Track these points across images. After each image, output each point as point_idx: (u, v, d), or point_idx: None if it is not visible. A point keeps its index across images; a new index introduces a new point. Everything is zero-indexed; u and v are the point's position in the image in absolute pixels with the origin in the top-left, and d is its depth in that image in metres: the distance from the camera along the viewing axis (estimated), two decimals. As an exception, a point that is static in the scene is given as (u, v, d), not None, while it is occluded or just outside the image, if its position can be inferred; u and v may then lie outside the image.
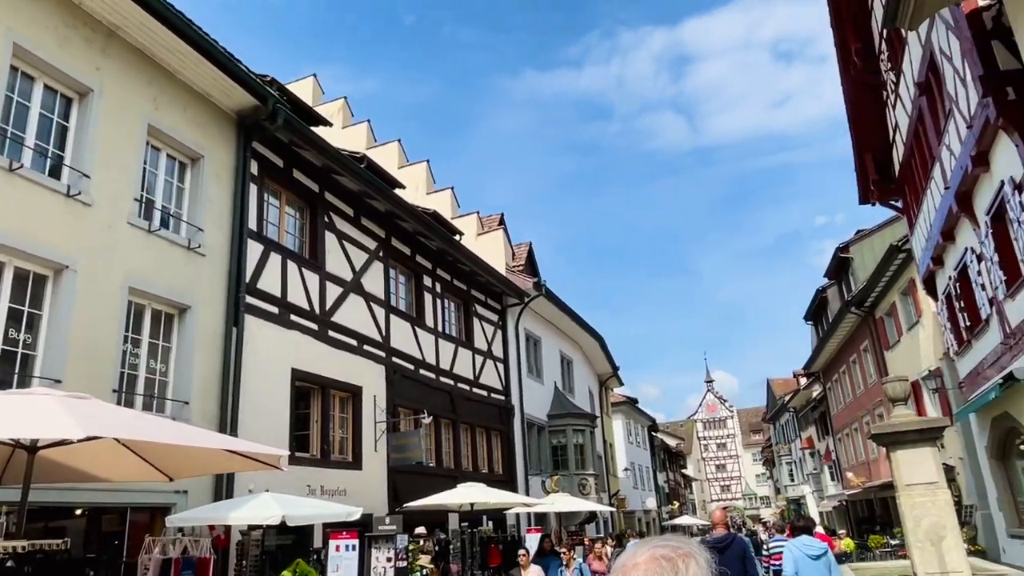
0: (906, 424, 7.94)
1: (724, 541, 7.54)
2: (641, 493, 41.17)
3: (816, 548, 7.38)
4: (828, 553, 7.40)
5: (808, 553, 7.33)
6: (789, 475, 49.39)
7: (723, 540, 7.55)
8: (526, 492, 18.68)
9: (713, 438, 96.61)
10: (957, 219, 13.26)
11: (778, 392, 51.46)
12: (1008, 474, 14.18)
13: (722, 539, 7.58)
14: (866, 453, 28.61)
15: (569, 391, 24.58)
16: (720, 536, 7.67)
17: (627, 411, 41.09)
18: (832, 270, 29.09)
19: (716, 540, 7.61)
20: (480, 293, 18.67)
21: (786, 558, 7.43)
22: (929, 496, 7.74)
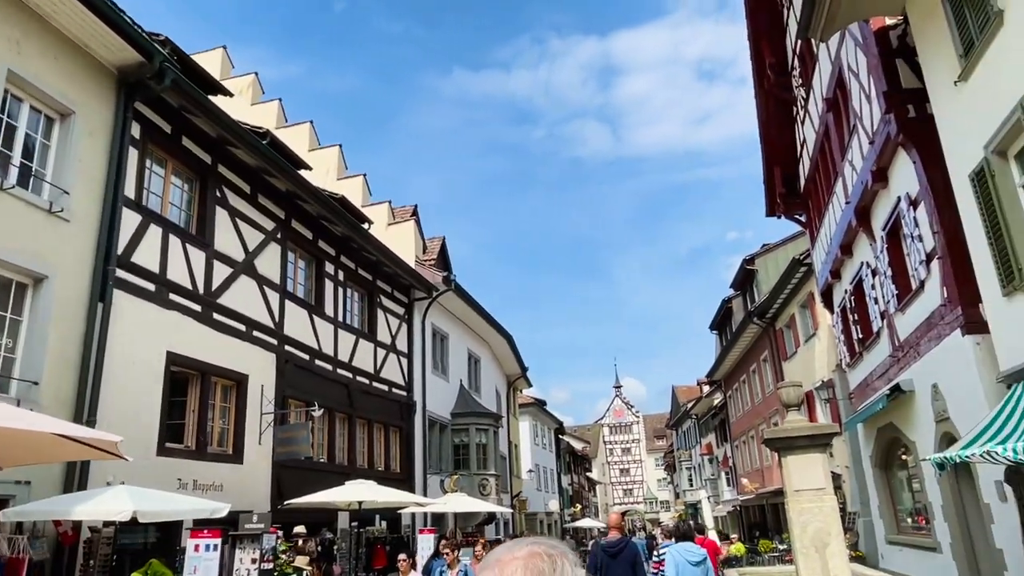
0: (798, 430, 7.91)
1: (617, 545, 7.43)
2: (544, 495, 41.24)
3: (696, 554, 7.38)
4: (707, 560, 7.45)
5: (688, 559, 7.33)
6: (688, 480, 50.71)
7: (617, 544, 7.45)
8: (424, 491, 18.15)
9: (619, 443, 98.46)
10: (855, 233, 13.62)
11: (682, 399, 52.77)
12: (889, 483, 14.70)
13: (616, 543, 7.46)
14: (760, 460, 29.52)
15: (475, 390, 24.18)
16: (614, 540, 7.54)
17: (535, 413, 41.09)
18: (738, 281, 29.91)
19: (610, 544, 7.48)
20: (386, 284, 18.01)
21: (668, 563, 7.41)
22: (816, 502, 7.73)
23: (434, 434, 20.14)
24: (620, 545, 7.45)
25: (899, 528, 14.27)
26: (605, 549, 7.47)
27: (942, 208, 9.51)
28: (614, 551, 7.38)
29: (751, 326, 26.59)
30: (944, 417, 10.34)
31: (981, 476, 9.29)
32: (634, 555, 7.34)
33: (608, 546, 7.48)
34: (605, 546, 7.53)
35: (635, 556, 7.34)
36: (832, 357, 19.80)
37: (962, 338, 9.22)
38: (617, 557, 7.25)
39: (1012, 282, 7.61)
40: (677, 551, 7.44)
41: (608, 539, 7.66)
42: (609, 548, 7.44)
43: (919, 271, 10.49)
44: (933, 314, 10.26)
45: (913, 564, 12.82)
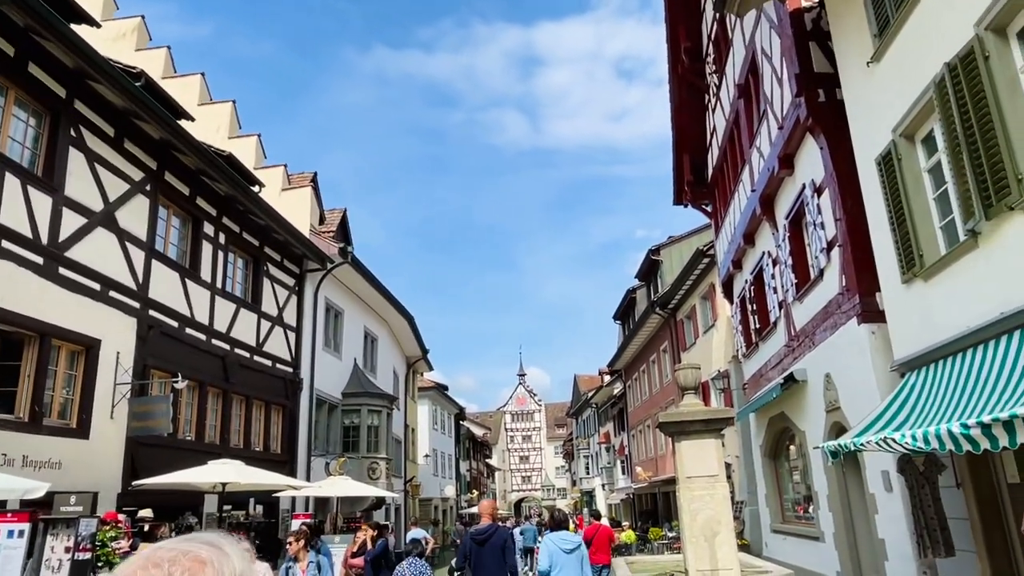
0: (693, 414, 7.53)
1: (486, 532, 7.34)
2: (441, 480, 40.59)
3: (570, 542, 7.41)
4: (581, 547, 7.49)
5: (562, 547, 7.34)
6: (585, 468, 51.28)
7: (486, 531, 7.35)
8: (308, 474, 17.09)
9: (520, 430, 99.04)
10: (759, 222, 13.55)
11: (583, 388, 53.26)
12: (777, 472, 14.83)
13: (485, 530, 7.37)
14: (655, 449, 29.90)
15: (371, 370, 23.15)
16: (483, 527, 7.45)
17: (435, 397, 40.30)
18: (643, 272, 30.07)
19: (479, 531, 7.41)
20: (276, 252, 16.75)
21: (542, 552, 7.47)
22: (709, 490, 7.37)
23: (322, 414, 19.04)
24: (489, 532, 7.30)
25: (784, 517, 14.42)
26: (474, 537, 7.35)
27: (846, 195, 9.38)
28: (482, 538, 7.25)
29: (653, 316, 26.75)
30: (835, 407, 10.31)
31: (868, 466, 9.26)
32: (503, 540, 7.26)
33: (477, 533, 7.36)
34: (474, 533, 7.39)
35: (504, 541, 7.26)
36: (729, 348, 20.02)
37: (858, 327, 9.12)
38: (486, 544, 7.15)
39: (912, 268, 7.45)
40: (552, 540, 7.40)
41: (478, 526, 7.57)
42: (478, 535, 7.32)
43: (819, 259, 10.39)
44: (830, 303, 10.17)
45: (796, 552, 12.92)
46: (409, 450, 31.07)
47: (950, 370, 6.58)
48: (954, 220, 6.92)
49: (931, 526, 6.77)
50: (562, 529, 7.78)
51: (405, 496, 28.80)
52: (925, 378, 7.07)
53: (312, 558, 6.12)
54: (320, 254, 17.98)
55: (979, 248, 6.19)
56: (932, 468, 7.04)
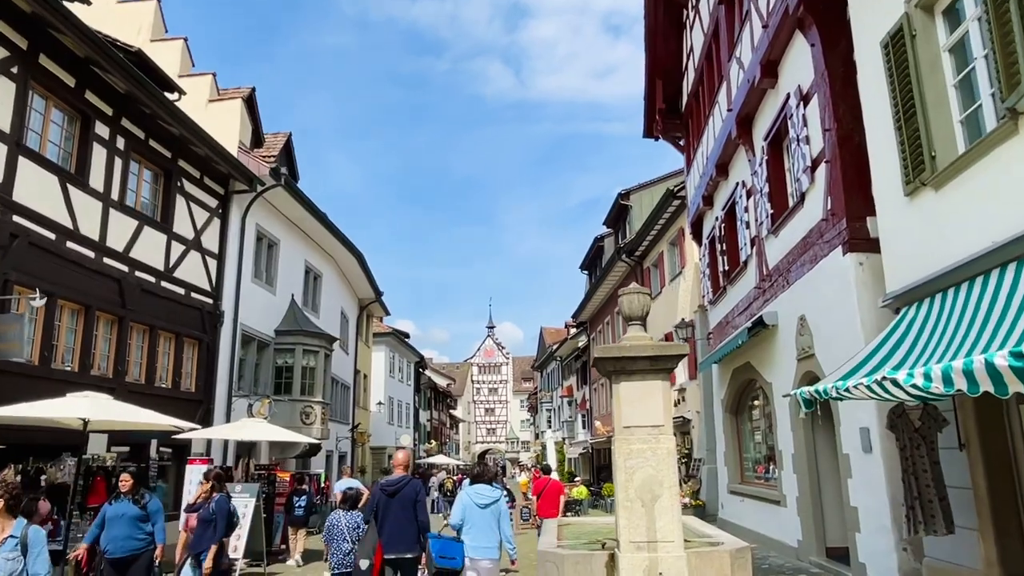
0: (637, 348, 6.00)
1: (398, 484, 6.66)
2: (396, 429, 39.35)
3: (486, 497, 6.91)
4: (500, 502, 7.00)
5: (477, 502, 6.86)
6: (548, 421, 50.43)
7: (397, 483, 6.67)
8: (228, 416, 15.49)
9: (486, 382, 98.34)
10: (734, 148, 11.98)
11: (549, 341, 52.10)
12: (739, 429, 13.57)
13: (396, 481, 6.70)
14: (615, 403, 28.77)
15: (312, 308, 21.43)
16: (395, 478, 6.76)
17: (392, 344, 38.77)
18: (611, 218, 28.50)
19: (389, 483, 6.72)
20: (193, 168, 14.80)
21: (455, 505, 7.10)
22: (650, 443, 5.90)
23: (250, 352, 17.36)
24: (400, 483, 6.64)
25: (743, 477, 13.22)
26: (384, 488, 6.68)
27: (838, 100, 7.79)
28: (393, 489, 6.61)
29: (619, 264, 25.29)
30: (808, 354, 8.90)
31: (843, 421, 7.88)
32: (415, 493, 6.68)
33: (387, 484, 6.69)
34: (385, 484, 6.73)
35: (416, 494, 6.68)
36: (696, 298, 18.65)
37: (842, 258, 7.65)
38: (396, 496, 6.57)
39: (920, 175, 5.91)
40: (467, 493, 6.96)
41: (388, 477, 6.90)
42: (388, 487, 6.66)
43: (801, 182, 8.85)
44: (811, 233, 8.68)
45: (754, 516, 11.71)
46: (359, 396, 29.61)
47: (963, 300, 5.11)
48: (978, 112, 5.38)
49: (925, 496, 5.38)
50: (481, 483, 7.09)
51: (352, 444, 27.44)
52: (928, 312, 5.60)
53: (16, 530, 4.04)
54: (247, 174, 16.05)
55: (1021, 133, 4.64)
56: (930, 424, 5.62)
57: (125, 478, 6.92)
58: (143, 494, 6.95)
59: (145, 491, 7.09)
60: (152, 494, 7.14)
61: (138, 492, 6.93)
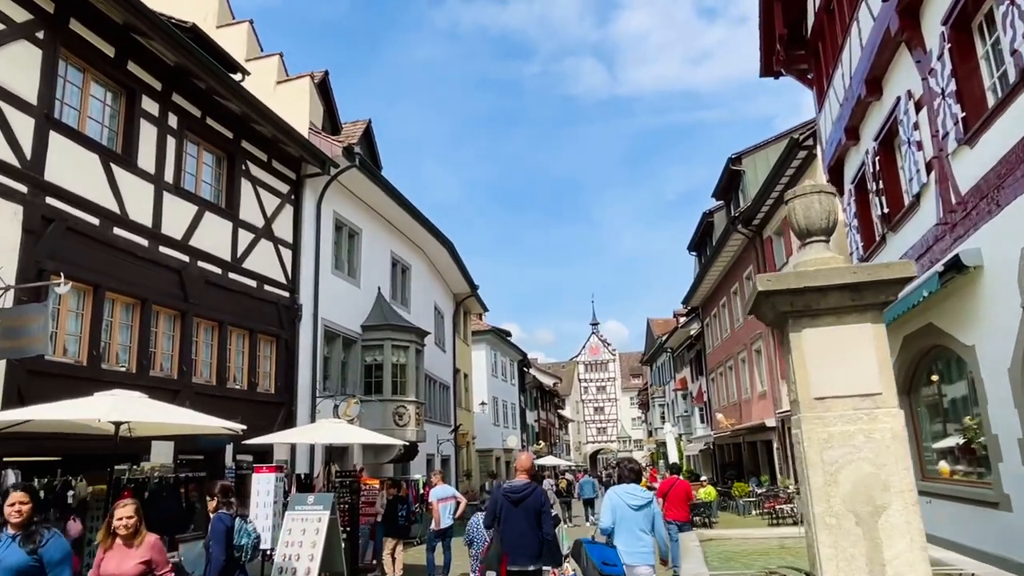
0: (826, 274, 3.83)
1: (522, 491, 6.23)
2: (503, 431, 37.82)
3: (639, 497, 6.35)
4: (653, 504, 6.44)
5: (629, 503, 6.28)
6: (661, 417, 47.61)
7: (521, 489, 6.25)
8: (312, 417, 14.19)
9: (593, 380, 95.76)
10: (893, 51, 9.40)
11: (657, 332, 49.26)
12: (914, 412, 10.86)
13: (520, 488, 6.26)
14: (739, 393, 25.95)
15: (401, 303, 20.07)
16: (519, 484, 6.30)
17: (493, 342, 37.28)
18: (721, 188, 25.72)
19: (513, 488, 6.26)
20: (259, 149, 13.60)
21: (604, 507, 6.44)
22: (862, 423, 3.73)
23: (335, 349, 16.08)
24: (525, 491, 6.22)
25: (925, 472, 10.50)
26: (508, 494, 6.24)
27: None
28: (518, 497, 6.19)
29: (735, 236, 22.55)
30: (1045, 297, 6.34)
31: None
32: (540, 503, 6.24)
33: (511, 491, 6.24)
34: (508, 490, 6.26)
35: (542, 504, 6.25)
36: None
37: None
38: (520, 504, 6.14)
39: None
40: (617, 494, 6.41)
41: (512, 482, 6.39)
42: (512, 493, 6.23)
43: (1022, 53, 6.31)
44: (1043, 122, 6.13)
45: (949, 522, 9.05)
46: (460, 396, 28.20)
47: None
48: None
49: None
50: (632, 483, 6.54)
51: (455, 447, 26.00)
52: None
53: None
54: (319, 155, 14.74)
55: None
56: None
57: (14, 500, 4.33)
58: (41, 531, 4.35)
59: (46, 528, 4.49)
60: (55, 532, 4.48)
61: (33, 527, 4.35)
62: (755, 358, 23.32)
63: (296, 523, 9.12)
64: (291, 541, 8.97)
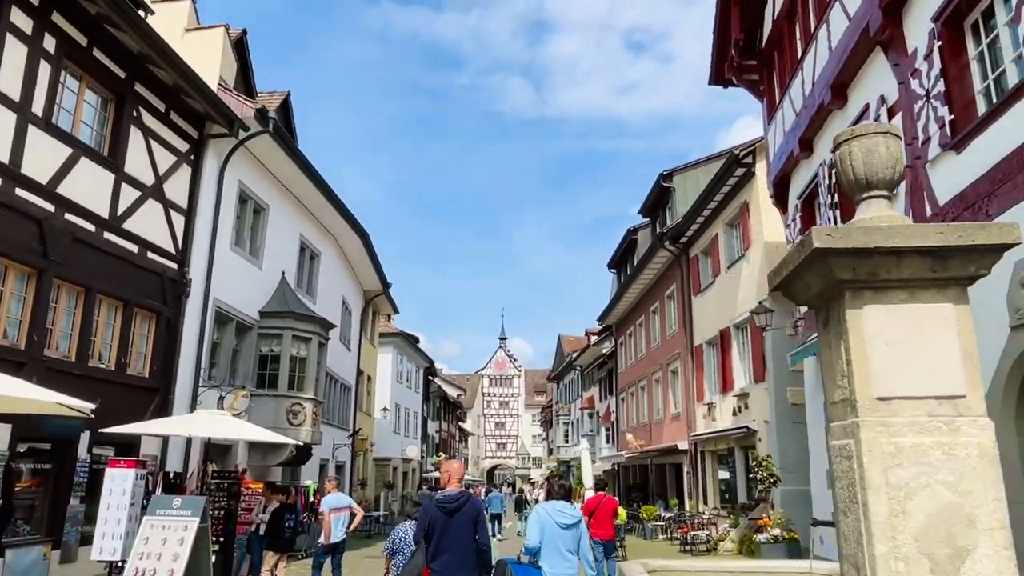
0: (904, 232, 2.86)
1: (456, 500, 5.48)
2: (403, 439, 36.15)
3: (570, 516, 5.92)
4: (581, 523, 6.02)
5: (559, 520, 5.84)
6: (565, 436, 47.05)
7: (456, 499, 5.49)
8: (192, 409, 12.40)
9: (497, 395, 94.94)
10: (867, 53, 8.87)
11: (568, 349, 48.88)
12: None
13: (455, 497, 5.51)
14: (650, 414, 25.51)
15: (307, 291, 18.40)
16: (453, 494, 5.57)
17: (401, 346, 35.65)
18: (649, 205, 25.38)
19: (448, 498, 5.51)
20: (157, 97, 11.86)
21: (531, 524, 5.95)
22: (940, 434, 2.78)
23: (226, 334, 14.32)
24: (460, 500, 5.53)
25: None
26: (441, 505, 5.50)
27: None
28: (453, 507, 5.47)
29: (661, 253, 22.13)
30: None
31: None
32: (476, 512, 5.64)
33: (446, 501, 5.50)
34: (442, 501, 5.53)
35: (478, 514, 5.65)
36: (762, 284, 15.46)
37: None
38: (455, 515, 5.46)
39: None
40: (546, 511, 5.94)
41: (445, 492, 5.68)
42: (447, 503, 5.48)
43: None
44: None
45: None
46: (362, 400, 26.51)
47: None
48: None
49: None
50: (562, 500, 6.17)
51: (352, 452, 24.28)
52: None
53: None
54: (228, 114, 13.07)
55: None
56: None
57: None
58: None
59: None
60: None
61: None
62: (671, 379, 22.92)
63: (155, 531, 7.50)
64: (147, 552, 7.35)
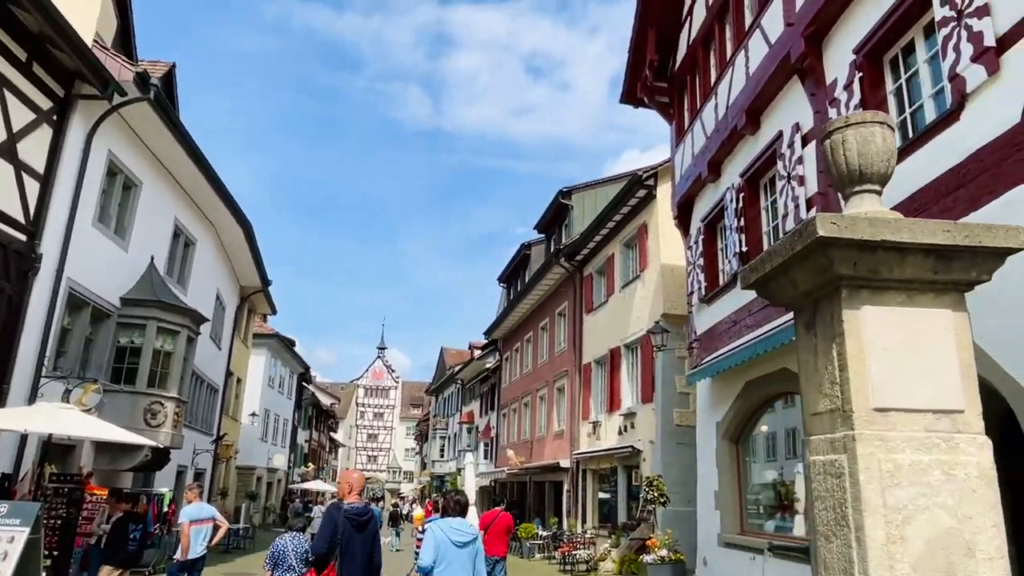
0: (911, 227, 2.59)
1: (366, 515, 5.43)
2: (270, 447, 34.16)
3: (466, 534, 5.61)
4: (478, 540, 5.73)
5: (454, 539, 5.50)
6: (441, 450, 46.26)
7: (364, 513, 5.43)
8: (31, 399, 10.85)
9: (372, 406, 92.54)
10: (784, 81, 9.03)
11: (450, 363, 48.23)
12: (739, 462, 10.43)
13: (364, 511, 5.44)
14: (533, 430, 25.35)
15: (178, 281, 16.84)
16: (360, 507, 5.48)
17: (276, 349, 33.79)
18: (546, 221, 25.39)
19: (357, 512, 5.40)
20: (18, 44, 10.37)
21: (426, 542, 5.53)
22: (939, 452, 2.50)
23: (79, 321, 12.72)
24: (368, 514, 5.47)
25: (744, 526, 10.05)
26: (352, 517, 5.33)
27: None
28: (362, 521, 5.36)
29: (555, 269, 22.09)
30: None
31: None
32: (377, 528, 5.65)
33: (357, 514, 5.37)
34: (353, 514, 5.36)
35: (377, 530, 5.66)
36: (657, 305, 15.66)
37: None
38: (363, 530, 5.38)
39: None
40: (441, 528, 5.56)
41: (353, 504, 5.49)
42: (357, 517, 5.35)
43: (965, 78, 5.84)
44: (981, 153, 5.67)
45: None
46: (230, 404, 24.71)
47: None
48: None
49: None
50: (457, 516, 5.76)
51: (214, 459, 22.48)
52: None
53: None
54: (102, 73, 11.67)
55: None
56: None
57: None
58: None
59: None
60: None
61: None
62: (556, 396, 22.85)
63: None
64: (-41, 569, 6.13)
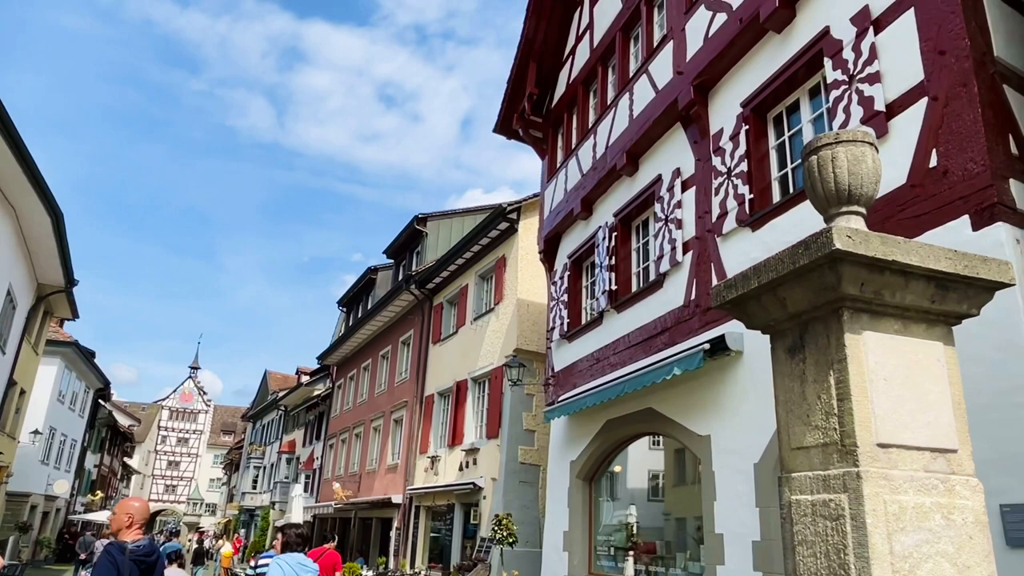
0: (920, 250, 2.41)
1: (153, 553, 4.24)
2: (51, 472, 29.86)
3: (310, 569, 5.54)
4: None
5: None
6: (254, 482, 42.91)
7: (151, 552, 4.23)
8: None
9: (177, 431, 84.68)
10: (667, 127, 9.26)
11: (275, 387, 45.28)
12: (591, 502, 10.32)
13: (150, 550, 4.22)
14: (363, 463, 24.11)
15: (-38, 267, 14.25)
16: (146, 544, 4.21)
17: (72, 359, 29.86)
18: (397, 246, 24.65)
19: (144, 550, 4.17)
20: None
21: None
22: (938, 494, 2.29)
23: None
24: (155, 553, 4.32)
25: (593, 567, 9.89)
26: (139, 558, 4.15)
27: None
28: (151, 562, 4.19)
29: (404, 296, 21.37)
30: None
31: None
32: (163, 568, 4.57)
33: (143, 553, 4.16)
34: (140, 552, 4.17)
35: (164, 567, 4.64)
36: (511, 339, 15.51)
37: (974, 233, 4.93)
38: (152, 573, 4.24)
39: None
40: (287, 564, 5.46)
41: (138, 541, 4.20)
42: (145, 557, 4.15)
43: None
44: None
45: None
46: (7, 418, 21.24)
47: None
48: None
49: None
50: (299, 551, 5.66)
51: (-20, 483, 19.10)
52: None
53: None
54: None
55: None
56: None
57: None
58: None
59: None
60: None
61: None
62: (392, 428, 21.91)
63: None
64: None
